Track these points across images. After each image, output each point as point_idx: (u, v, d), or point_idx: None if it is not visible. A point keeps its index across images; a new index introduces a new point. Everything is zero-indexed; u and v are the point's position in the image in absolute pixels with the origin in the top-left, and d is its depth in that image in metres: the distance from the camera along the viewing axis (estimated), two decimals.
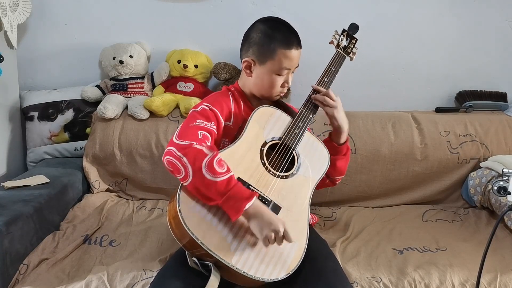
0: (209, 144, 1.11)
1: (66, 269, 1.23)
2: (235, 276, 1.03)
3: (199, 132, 1.11)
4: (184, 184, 1.04)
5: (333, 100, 1.23)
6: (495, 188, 0.93)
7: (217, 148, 1.13)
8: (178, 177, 1.05)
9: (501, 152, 1.71)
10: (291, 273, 1.05)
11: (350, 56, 1.38)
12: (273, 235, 1.01)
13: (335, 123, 1.25)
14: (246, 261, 1.02)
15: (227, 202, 1.00)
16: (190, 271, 1.05)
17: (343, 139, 1.29)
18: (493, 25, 1.88)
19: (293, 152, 1.20)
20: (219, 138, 1.21)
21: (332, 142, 1.28)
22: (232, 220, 1.02)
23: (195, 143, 1.05)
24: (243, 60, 1.24)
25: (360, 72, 1.90)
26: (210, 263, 1.02)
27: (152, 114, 1.72)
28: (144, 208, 1.63)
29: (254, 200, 1.02)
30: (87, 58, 1.88)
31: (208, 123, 1.15)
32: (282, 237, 1.02)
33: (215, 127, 1.16)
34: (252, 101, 1.30)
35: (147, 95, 1.83)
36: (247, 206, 1.00)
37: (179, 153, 1.03)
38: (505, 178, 0.93)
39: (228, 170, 1.03)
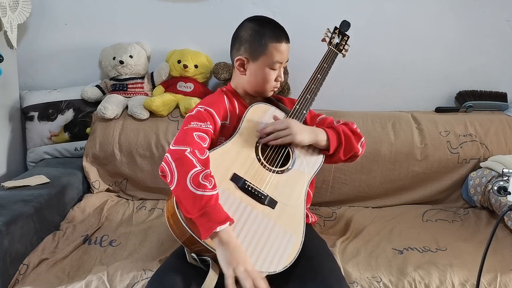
0: (205, 145, 1.12)
1: (66, 269, 1.23)
2: None
3: (194, 134, 1.11)
4: (170, 188, 1.05)
5: (284, 128, 1.17)
6: (495, 188, 0.93)
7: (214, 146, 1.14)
8: (167, 181, 1.05)
9: (501, 152, 1.71)
10: (288, 265, 1.06)
11: (342, 53, 1.40)
12: (241, 274, 0.93)
13: (304, 143, 1.20)
14: None
15: (201, 218, 0.97)
16: (189, 267, 1.06)
17: (321, 144, 1.22)
18: (493, 25, 1.88)
19: (288, 147, 1.21)
20: (216, 137, 1.22)
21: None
22: (201, 238, 0.98)
23: (188, 150, 1.05)
24: (236, 59, 1.26)
25: (360, 72, 1.90)
26: (209, 258, 1.03)
27: (152, 114, 1.72)
28: (144, 208, 1.63)
29: (227, 226, 0.98)
30: (87, 58, 1.88)
31: (202, 123, 1.16)
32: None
33: (211, 126, 1.17)
34: (246, 100, 1.32)
35: (147, 95, 1.83)
36: (218, 229, 0.95)
37: (170, 159, 1.05)
38: (505, 178, 0.92)
39: (214, 187, 1.01)
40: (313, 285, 1.04)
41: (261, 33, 1.22)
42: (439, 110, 1.89)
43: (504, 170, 0.92)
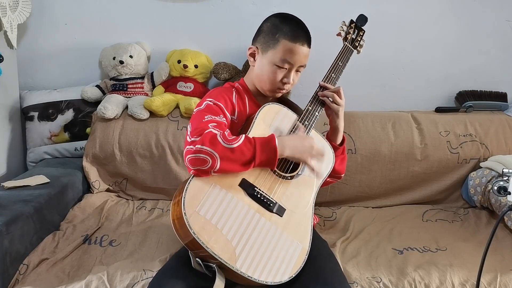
0: None
1: (66, 269, 1.23)
2: (238, 278, 1.03)
3: (209, 125, 1.09)
4: (216, 168, 1.01)
5: (341, 99, 1.23)
6: (495, 188, 0.93)
7: None
8: (205, 168, 1.01)
9: (501, 152, 1.71)
10: (294, 275, 1.05)
11: (357, 50, 1.36)
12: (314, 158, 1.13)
13: (336, 121, 1.25)
14: (250, 265, 1.02)
15: (260, 161, 1.05)
16: (191, 271, 1.05)
17: (339, 139, 1.29)
18: (493, 25, 1.88)
19: None
20: None
21: (331, 142, 1.28)
22: (273, 169, 1.10)
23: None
24: (249, 47, 1.25)
25: (360, 72, 1.90)
26: (214, 265, 1.02)
27: (152, 114, 1.72)
28: (144, 208, 1.63)
29: (277, 143, 1.06)
30: (87, 58, 1.88)
31: (216, 116, 1.13)
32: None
33: (224, 119, 1.16)
34: (258, 98, 1.30)
35: (147, 95, 1.83)
36: (278, 154, 1.06)
37: (197, 146, 1.01)
38: (505, 178, 0.92)
39: (239, 135, 1.08)
40: (315, 286, 1.04)
41: (278, 28, 1.21)
42: (439, 110, 1.89)
43: (504, 170, 0.92)
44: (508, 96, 1.93)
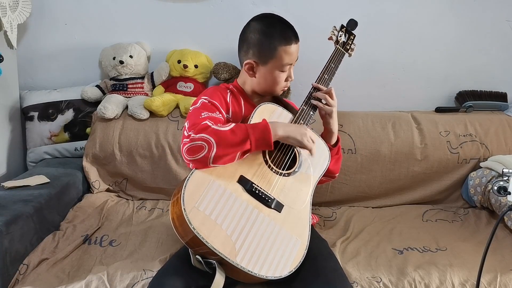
0: None
1: (66, 269, 1.23)
2: (238, 273, 1.04)
3: (207, 120, 1.11)
4: (212, 154, 1.04)
5: (333, 99, 1.24)
6: (495, 188, 0.93)
7: None
8: (202, 155, 1.04)
9: (501, 152, 1.71)
10: (293, 270, 1.06)
11: (348, 53, 1.39)
12: (308, 137, 1.15)
13: (330, 123, 1.27)
14: (250, 259, 1.02)
15: (254, 134, 1.08)
16: (192, 269, 1.06)
17: (334, 139, 1.30)
18: (493, 25, 1.88)
19: (295, 149, 1.21)
20: None
21: (326, 143, 1.29)
22: (271, 149, 1.12)
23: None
24: (245, 63, 1.24)
25: (360, 72, 1.90)
26: (214, 261, 1.02)
27: (152, 114, 1.72)
28: (144, 208, 1.63)
29: (269, 126, 1.10)
30: (87, 58, 1.88)
31: (212, 113, 1.16)
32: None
33: (220, 115, 1.18)
34: (253, 98, 1.31)
35: (147, 95, 1.83)
36: (272, 135, 1.09)
37: (192, 136, 1.05)
38: (505, 178, 0.92)
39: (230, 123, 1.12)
40: (316, 285, 1.04)
41: (269, 36, 1.20)
42: (439, 110, 1.89)
43: (504, 170, 0.92)
44: (508, 96, 1.93)
